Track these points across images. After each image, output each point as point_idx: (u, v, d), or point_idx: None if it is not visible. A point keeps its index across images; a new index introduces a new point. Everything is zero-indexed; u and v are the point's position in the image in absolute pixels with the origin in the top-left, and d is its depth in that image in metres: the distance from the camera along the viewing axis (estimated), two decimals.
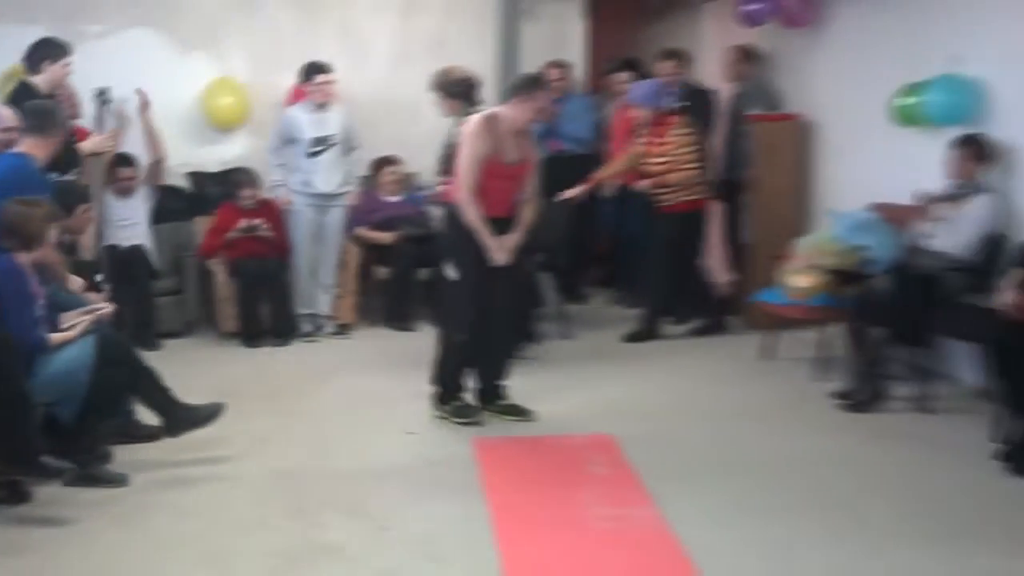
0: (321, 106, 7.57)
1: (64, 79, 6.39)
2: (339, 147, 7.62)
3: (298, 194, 7.61)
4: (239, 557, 4.25)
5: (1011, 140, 6.19)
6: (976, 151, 6.10)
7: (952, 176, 6.18)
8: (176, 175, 8.19)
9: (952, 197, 6.18)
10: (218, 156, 8.37)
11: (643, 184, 7.57)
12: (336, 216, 7.70)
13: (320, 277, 7.75)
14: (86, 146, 6.33)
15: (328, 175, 7.56)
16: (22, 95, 6.00)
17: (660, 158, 7.45)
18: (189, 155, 8.34)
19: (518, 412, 5.98)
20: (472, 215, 5.69)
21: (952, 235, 6.08)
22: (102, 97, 6.41)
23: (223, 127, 8.37)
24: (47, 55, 6.27)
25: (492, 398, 6.02)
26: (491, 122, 5.69)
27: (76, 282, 5.31)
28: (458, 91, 6.48)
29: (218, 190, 8.10)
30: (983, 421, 5.58)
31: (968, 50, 6.41)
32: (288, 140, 7.61)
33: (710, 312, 8.00)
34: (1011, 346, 5.23)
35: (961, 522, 4.56)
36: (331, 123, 7.59)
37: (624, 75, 8.14)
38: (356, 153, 7.83)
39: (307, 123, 7.55)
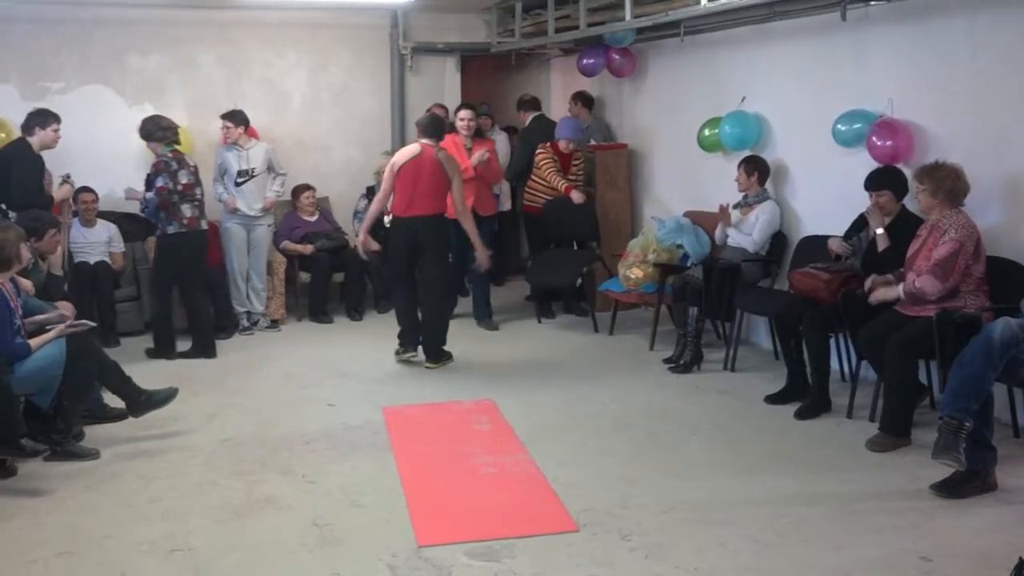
0: (243, 145, 7.36)
1: (53, 141, 6.29)
2: (263, 176, 7.40)
3: (228, 215, 7.37)
4: (193, 512, 4.12)
5: (783, 160, 6.37)
6: (758, 168, 6.24)
7: (743, 189, 6.31)
8: (132, 204, 7.87)
9: (744, 205, 6.32)
10: None
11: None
12: (261, 232, 7.47)
13: (252, 282, 7.51)
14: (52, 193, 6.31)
15: (251, 201, 7.34)
16: (16, 148, 6.20)
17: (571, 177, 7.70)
18: (142, 187, 8.00)
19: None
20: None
21: (745, 234, 6.22)
22: (68, 181, 6.38)
23: None
24: (38, 122, 6.22)
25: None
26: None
27: (26, 284, 5.08)
28: (161, 136, 6.56)
29: None
30: (774, 376, 5.72)
31: (751, 93, 6.57)
32: (223, 172, 7.38)
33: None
34: (790, 318, 5.38)
35: (764, 455, 4.66)
36: (253, 158, 7.37)
37: (464, 112, 7.97)
38: (281, 178, 7.57)
39: (232, 159, 7.32)
